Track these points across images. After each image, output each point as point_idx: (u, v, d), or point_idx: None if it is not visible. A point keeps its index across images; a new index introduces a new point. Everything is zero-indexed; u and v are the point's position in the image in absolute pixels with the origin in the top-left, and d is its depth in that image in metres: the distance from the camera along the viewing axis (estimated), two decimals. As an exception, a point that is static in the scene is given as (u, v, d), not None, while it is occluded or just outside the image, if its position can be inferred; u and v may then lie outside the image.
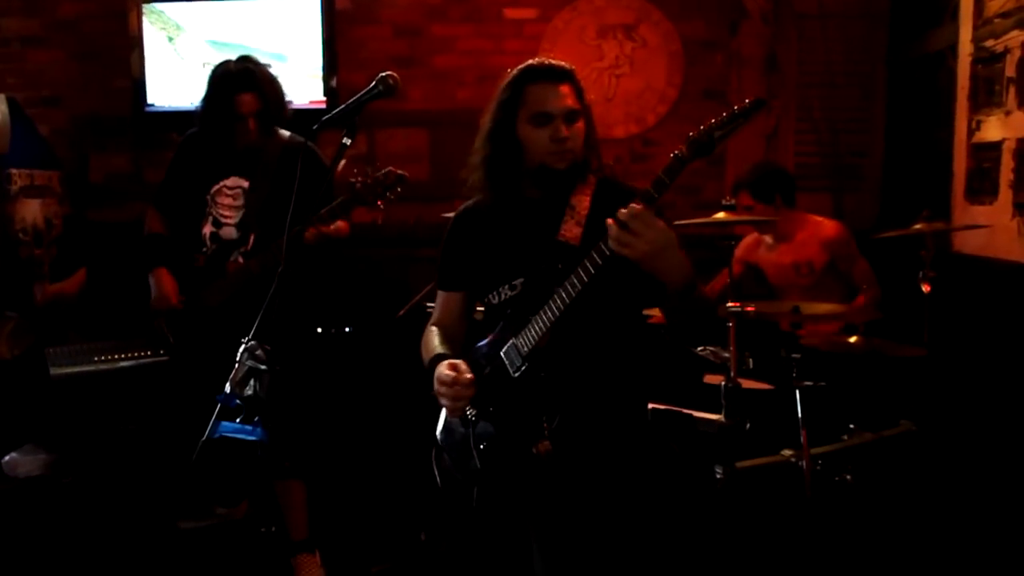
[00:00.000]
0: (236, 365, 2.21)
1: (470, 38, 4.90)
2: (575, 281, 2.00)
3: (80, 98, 5.00)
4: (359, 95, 2.32)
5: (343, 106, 2.32)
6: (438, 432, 2.33)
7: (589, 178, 2.24)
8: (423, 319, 3.70)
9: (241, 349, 2.22)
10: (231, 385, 2.19)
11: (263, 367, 2.20)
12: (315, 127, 2.37)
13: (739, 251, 4.06)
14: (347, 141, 2.33)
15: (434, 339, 2.34)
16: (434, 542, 3.46)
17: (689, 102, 4.80)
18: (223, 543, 3.58)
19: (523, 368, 2.11)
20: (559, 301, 2.04)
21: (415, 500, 3.72)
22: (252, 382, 2.20)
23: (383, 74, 2.34)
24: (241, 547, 3.54)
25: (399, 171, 3.06)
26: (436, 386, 2.16)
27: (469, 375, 2.11)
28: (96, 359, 3.74)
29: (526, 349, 2.11)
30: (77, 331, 4.35)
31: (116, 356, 3.74)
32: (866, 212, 4.82)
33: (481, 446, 2.15)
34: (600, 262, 1.95)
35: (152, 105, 4.81)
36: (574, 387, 2.11)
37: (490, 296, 2.27)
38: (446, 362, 2.17)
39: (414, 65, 4.91)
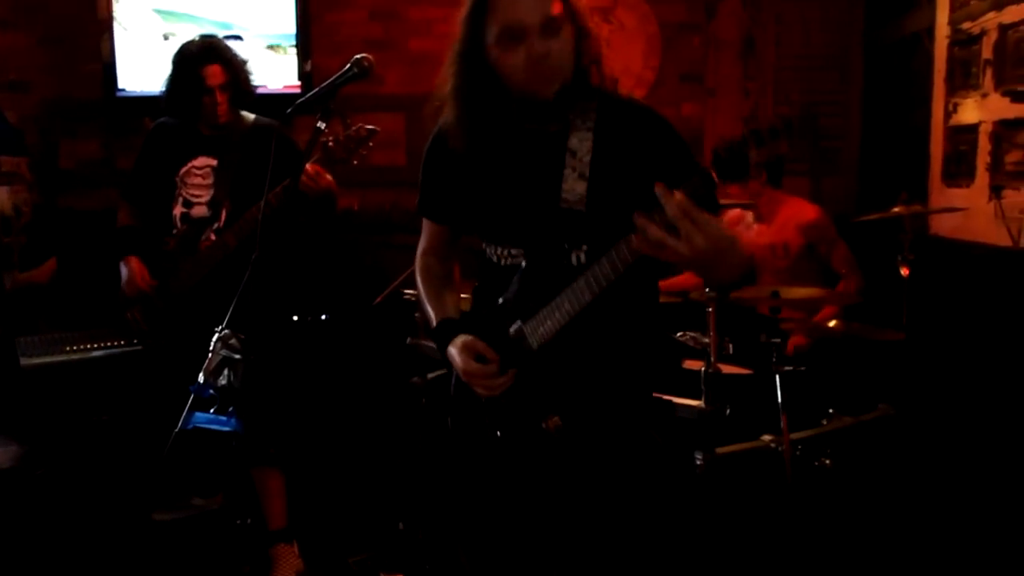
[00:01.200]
0: (210, 354, 2.18)
1: (447, 21, 4.79)
2: (588, 285, 1.76)
3: (49, 83, 4.91)
4: (333, 78, 2.30)
5: (316, 89, 2.30)
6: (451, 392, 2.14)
7: (589, 102, 1.85)
8: (400, 307, 3.70)
9: (215, 338, 2.19)
10: (204, 375, 2.18)
11: (237, 356, 2.18)
12: (289, 111, 2.34)
13: None
14: (321, 125, 2.32)
15: (432, 285, 2.14)
16: (412, 532, 3.44)
17: (667, 85, 4.78)
18: (199, 534, 3.54)
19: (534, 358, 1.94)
20: (569, 305, 1.81)
21: (394, 490, 3.70)
22: (226, 371, 2.18)
23: (357, 56, 2.32)
24: (217, 538, 3.50)
25: (370, 126, 2.98)
26: (463, 375, 1.97)
27: (495, 367, 1.93)
28: (68, 349, 3.69)
29: (535, 344, 1.91)
30: (48, 320, 4.29)
31: (88, 346, 3.69)
32: (844, 195, 4.82)
33: (498, 433, 2.00)
34: (621, 268, 1.69)
35: (123, 90, 4.73)
36: (584, 368, 1.94)
37: (489, 252, 2.02)
38: (466, 346, 1.95)
39: (390, 48, 4.86)
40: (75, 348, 3.69)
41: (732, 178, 1.54)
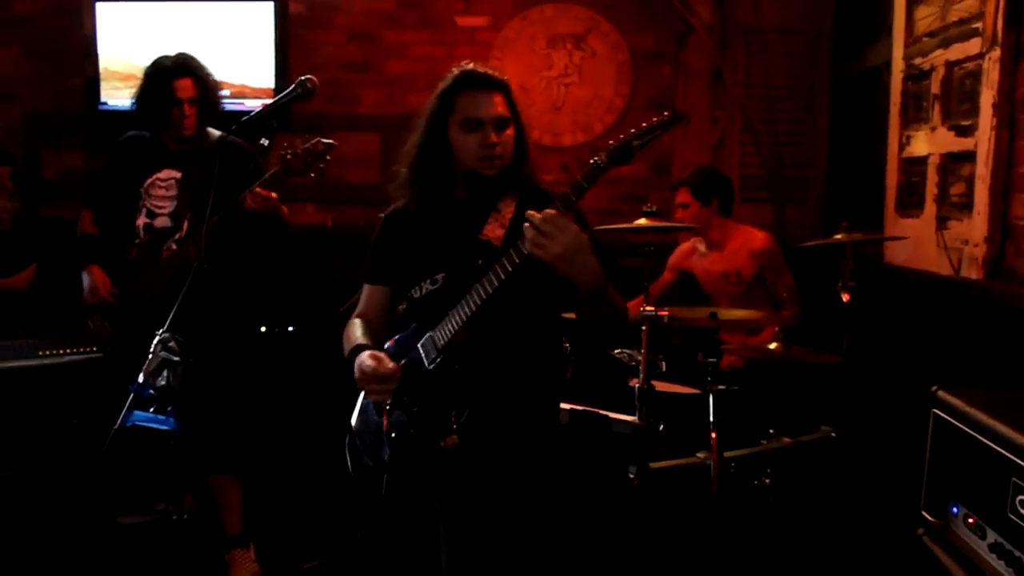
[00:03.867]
0: (150, 356, 2.28)
1: (423, 45, 4.98)
2: (492, 278, 2.06)
3: (34, 95, 5.04)
4: (277, 97, 2.41)
5: (260, 108, 2.40)
6: (354, 418, 2.38)
7: (518, 185, 2.29)
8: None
9: (155, 340, 2.29)
10: (144, 375, 2.27)
11: (176, 358, 2.28)
12: (234, 127, 2.45)
13: (674, 258, 4.17)
14: (265, 142, 2.42)
15: (356, 331, 2.37)
16: (370, 540, 3.51)
17: (636, 112, 4.87)
18: (161, 538, 3.61)
19: (438, 360, 2.17)
20: (476, 297, 2.09)
21: (352, 498, 3.76)
22: (165, 373, 2.27)
23: (302, 78, 2.43)
24: (178, 542, 3.57)
25: (327, 140, 3.06)
26: (358, 375, 2.18)
27: (391, 365, 2.14)
28: (41, 353, 3.76)
29: (442, 342, 2.16)
30: (27, 326, 4.38)
31: (60, 351, 3.77)
32: (808, 223, 4.91)
33: (393, 435, 2.20)
34: (517, 261, 2.01)
35: (105, 103, 4.85)
36: (486, 382, 2.17)
37: (412, 291, 2.31)
38: (367, 352, 2.20)
39: (367, 70, 4.99)
40: (47, 352, 3.76)
41: (619, 161, 1.99)
